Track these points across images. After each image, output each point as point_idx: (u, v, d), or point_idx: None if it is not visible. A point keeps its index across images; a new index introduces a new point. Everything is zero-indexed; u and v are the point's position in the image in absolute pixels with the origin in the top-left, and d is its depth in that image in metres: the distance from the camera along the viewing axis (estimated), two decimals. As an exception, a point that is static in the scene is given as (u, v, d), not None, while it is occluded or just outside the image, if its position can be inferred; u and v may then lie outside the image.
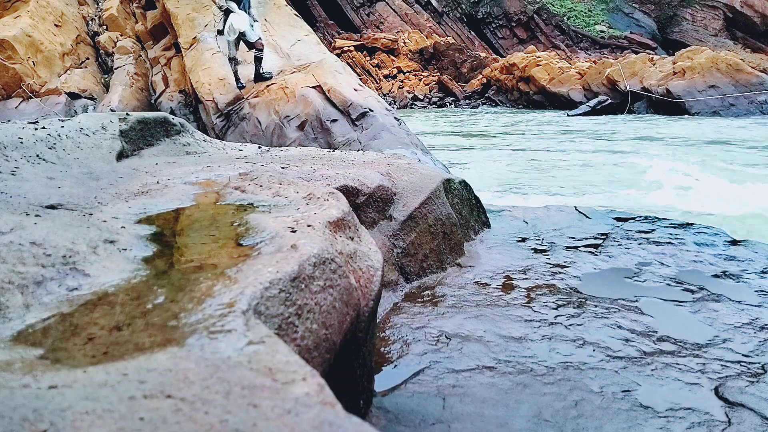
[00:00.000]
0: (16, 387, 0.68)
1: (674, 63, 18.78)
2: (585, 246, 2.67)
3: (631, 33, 34.80)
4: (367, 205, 2.18)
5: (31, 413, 0.61)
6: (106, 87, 13.03)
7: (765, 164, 8.49)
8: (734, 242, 2.71)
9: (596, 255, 2.54)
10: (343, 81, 8.46)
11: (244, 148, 2.74)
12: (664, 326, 1.89)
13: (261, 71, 8.78)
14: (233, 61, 8.74)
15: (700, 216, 5.42)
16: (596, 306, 2.04)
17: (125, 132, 2.24)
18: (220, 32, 8.66)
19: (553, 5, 35.87)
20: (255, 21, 8.52)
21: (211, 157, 2.36)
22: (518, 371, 1.61)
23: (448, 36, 34.35)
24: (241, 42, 8.52)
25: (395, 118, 8.12)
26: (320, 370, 0.96)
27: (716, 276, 2.33)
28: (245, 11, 8.36)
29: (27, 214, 1.26)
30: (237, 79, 8.87)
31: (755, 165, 8.46)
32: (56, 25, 13.72)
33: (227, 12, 8.36)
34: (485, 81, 26.50)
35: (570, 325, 1.89)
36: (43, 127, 1.98)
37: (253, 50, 8.64)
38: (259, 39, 8.55)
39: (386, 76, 30.22)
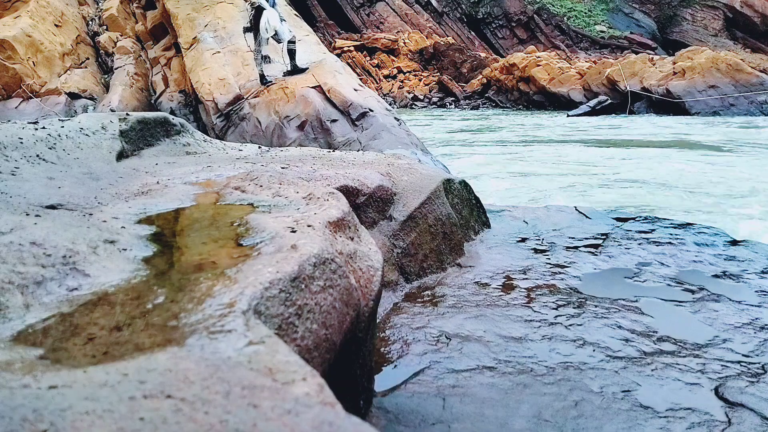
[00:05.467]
0: (16, 387, 0.68)
1: (674, 63, 18.79)
2: (585, 246, 2.67)
3: (631, 33, 34.83)
4: (367, 205, 2.18)
5: (31, 413, 0.61)
6: (106, 87, 13.04)
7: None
8: (734, 242, 2.71)
9: (596, 255, 2.54)
10: (343, 81, 8.46)
11: (244, 148, 2.74)
12: (664, 326, 1.89)
13: (296, 63, 8.70)
14: (265, 58, 8.60)
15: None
16: (596, 306, 2.04)
17: (125, 132, 2.24)
18: (247, 29, 8.51)
19: (553, 5, 35.90)
20: (283, 20, 8.44)
21: (211, 158, 2.36)
22: (518, 371, 1.61)
23: (448, 36, 34.37)
24: (270, 39, 8.41)
25: (395, 118, 8.12)
26: (320, 370, 0.96)
27: (716, 276, 2.32)
28: (273, 8, 8.29)
29: (27, 214, 1.26)
30: (262, 76, 8.76)
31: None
32: (56, 25, 13.73)
33: (259, 9, 8.22)
34: (485, 81, 26.52)
35: (570, 325, 1.89)
36: (43, 127, 1.98)
37: (286, 44, 8.52)
38: (292, 34, 8.48)
39: (386, 76, 30.24)
